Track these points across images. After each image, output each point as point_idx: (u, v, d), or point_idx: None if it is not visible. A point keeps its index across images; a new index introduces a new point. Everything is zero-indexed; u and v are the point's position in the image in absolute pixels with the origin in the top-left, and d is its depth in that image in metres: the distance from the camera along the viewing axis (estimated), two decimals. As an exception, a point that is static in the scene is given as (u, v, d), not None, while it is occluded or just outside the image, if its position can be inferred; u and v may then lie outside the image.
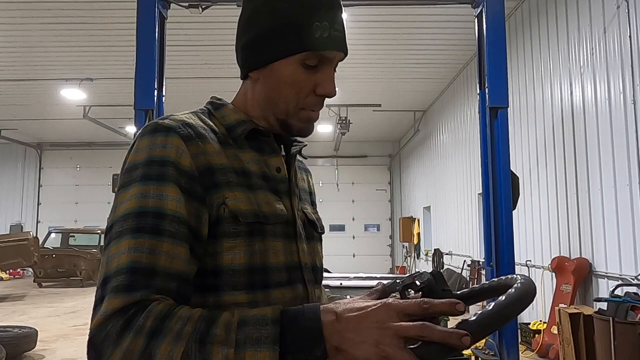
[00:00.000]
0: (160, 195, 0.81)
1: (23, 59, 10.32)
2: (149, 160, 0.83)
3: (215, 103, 1.01)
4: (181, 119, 0.90)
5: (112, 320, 0.72)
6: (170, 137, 0.85)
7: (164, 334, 0.69)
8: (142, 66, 4.14)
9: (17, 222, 19.13)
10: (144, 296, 0.74)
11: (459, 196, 11.12)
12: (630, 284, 4.86)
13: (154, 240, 0.78)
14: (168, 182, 0.82)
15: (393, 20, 8.41)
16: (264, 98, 0.98)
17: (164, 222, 0.80)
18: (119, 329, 0.71)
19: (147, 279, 0.76)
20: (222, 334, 0.69)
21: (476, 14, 4.50)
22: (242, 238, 0.86)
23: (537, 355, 6.13)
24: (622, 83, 5.21)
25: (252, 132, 0.97)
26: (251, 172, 0.93)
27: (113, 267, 0.76)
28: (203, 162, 0.87)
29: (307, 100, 0.96)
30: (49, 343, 7.09)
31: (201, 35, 8.84)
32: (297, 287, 0.94)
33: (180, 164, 0.84)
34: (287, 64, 0.93)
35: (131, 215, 0.79)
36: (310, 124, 0.99)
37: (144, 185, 0.82)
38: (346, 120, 12.97)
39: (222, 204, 0.86)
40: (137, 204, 0.80)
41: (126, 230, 0.78)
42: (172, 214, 0.81)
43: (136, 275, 0.75)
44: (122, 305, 0.73)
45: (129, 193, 0.82)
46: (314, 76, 0.94)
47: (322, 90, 0.95)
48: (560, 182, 6.52)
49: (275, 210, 0.92)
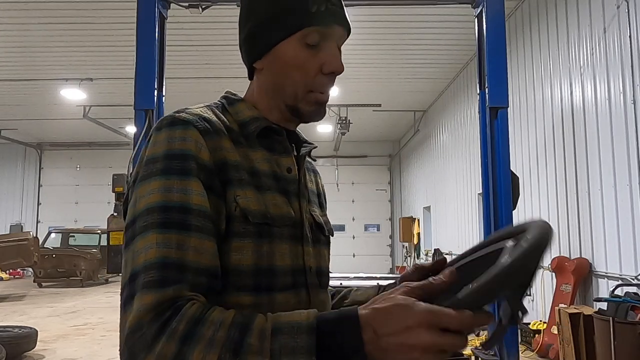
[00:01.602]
0: (185, 189, 0.80)
1: (23, 59, 10.32)
2: (169, 154, 0.82)
3: (230, 98, 1.00)
4: (198, 112, 0.89)
5: (146, 320, 0.70)
6: (189, 131, 0.84)
7: (197, 340, 0.67)
8: (142, 66, 4.13)
9: (17, 222, 19.13)
10: (177, 291, 0.73)
11: (459, 196, 11.11)
12: (630, 284, 4.86)
13: (182, 235, 0.77)
14: (192, 177, 0.81)
15: (393, 20, 8.41)
16: (271, 86, 0.96)
17: (190, 217, 0.78)
18: (154, 333, 0.69)
19: (179, 273, 0.74)
20: (257, 343, 0.67)
21: (476, 14, 4.50)
22: (251, 239, 0.85)
23: (537, 355, 6.13)
24: (622, 83, 5.21)
25: (264, 130, 0.95)
26: (261, 171, 0.92)
27: (141, 262, 0.75)
28: (220, 157, 0.86)
29: (315, 81, 0.93)
30: (49, 343, 7.09)
31: (201, 35, 8.84)
32: (300, 291, 0.92)
33: (200, 158, 0.83)
34: (288, 46, 0.92)
35: (155, 210, 0.78)
36: (320, 107, 0.96)
37: (166, 179, 0.80)
38: (346, 120, 12.97)
39: (234, 201, 0.85)
40: (161, 197, 0.78)
41: (152, 225, 0.77)
42: (198, 208, 0.80)
43: (167, 270, 0.74)
44: (156, 302, 0.71)
45: (150, 186, 0.80)
46: (318, 55, 0.92)
47: (328, 67, 0.92)
48: (560, 182, 6.52)
49: (283, 213, 0.91)
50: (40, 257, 13.33)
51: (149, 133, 0.88)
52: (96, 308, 10.49)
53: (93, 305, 10.88)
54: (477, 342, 6.80)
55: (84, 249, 14.59)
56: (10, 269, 14.16)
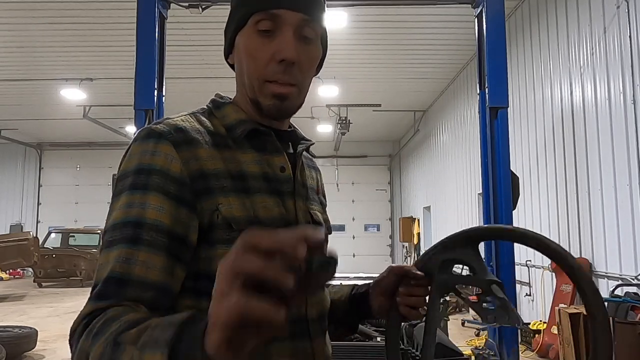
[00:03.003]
0: (143, 204, 0.81)
1: (23, 59, 10.32)
2: (138, 169, 0.84)
3: (217, 102, 0.99)
4: (174, 123, 0.88)
5: (78, 329, 0.75)
6: (161, 144, 0.84)
7: (103, 333, 0.69)
8: (142, 66, 4.13)
9: (17, 222, 19.13)
10: (109, 304, 0.76)
11: (459, 196, 11.11)
12: (630, 284, 4.86)
13: (131, 249, 0.79)
14: (151, 191, 0.82)
15: (393, 20, 8.41)
16: (239, 80, 0.98)
17: (142, 231, 0.80)
18: (80, 331, 0.74)
19: (118, 288, 0.77)
20: (135, 334, 0.64)
21: (476, 14, 4.50)
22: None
23: (537, 355, 6.13)
24: (622, 83, 5.22)
25: (253, 132, 0.94)
26: (249, 174, 0.91)
27: (99, 277, 0.79)
28: (195, 168, 0.85)
29: (268, 70, 0.90)
30: (49, 343, 7.09)
31: (201, 35, 8.84)
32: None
33: (170, 171, 0.83)
34: (243, 35, 0.93)
35: (118, 226, 0.81)
36: (278, 100, 0.91)
37: (131, 194, 0.82)
38: (346, 120, 12.96)
39: (216, 210, 0.85)
40: (123, 214, 0.82)
41: (113, 242, 0.80)
42: (152, 222, 0.80)
43: (108, 285, 0.77)
44: (89, 310, 0.76)
45: (118, 202, 0.83)
46: (271, 42, 0.90)
47: (279, 55, 0.88)
48: (560, 182, 6.52)
49: (274, 214, 0.90)
50: (40, 257, 13.33)
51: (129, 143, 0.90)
52: (96, 308, 10.49)
53: (93, 305, 10.88)
54: (476, 342, 6.80)
55: (84, 249, 14.58)
56: (10, 269, 14.15)
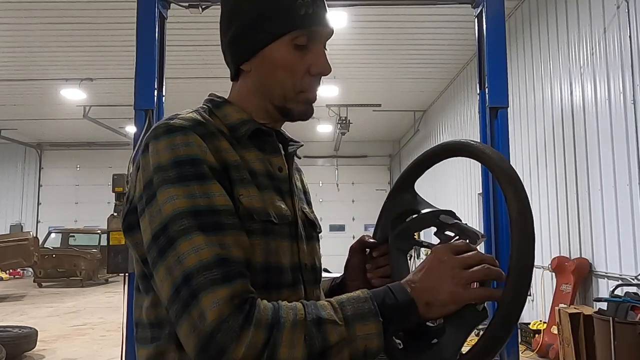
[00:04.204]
0: (207, 193, 0.81)
1: (23, 59, 10.32)
2: (177, 161, 0.82)
3: (215, 101, 1.00)
4: (191, 117, 0.89)
5: (226, 313, 0.72)
6: (190, 136, 0.84)
7: (282, 324, 0.73)
8: (142, 66, 4.13)
9: (17, 222, 19.13)
10: (244, 285, 0.77)
11: (459, 196, 11.11)
12: (630, 284, 4.86)
13: (220, 236, 0.79)
14: (209, 180, 0.82)
15: (393, 20, 8.41)
16: (259, 88, 0.97)
17: (221, 217, 0.80)
18: (240, 324, 0.72)
19: (237, 268, 0.77)
20: (332, 314, 0.76)
21: (476, 14, 4.50)
22: (259, 236, 0.86)
23: (537, 355, 6.13)
24: (622, 83, 5.21)
25: (255, 132, 0.96)
26: (257, 171, 0.93)
27: (194, 263, 0.75)
28: (222, 158, 0.87)
29: (304, 82, 0.95)
30: (49, 343, 7.10)
31: (201, 35, 8.84)
32: (298, 289, 0.93)
33: (207, 161, 0.84)
34: (278, 48, 0.93)
35: (186, 214, 0.78)
36: (309, 106, 0.98)
37: (185, 186, 0.80)
38: (346, 120, 12.96)
39: (238, 201, 0.86)
40: (188, 203, 0.79)
41: (191, 228, 0.77)
42: (225, 208, 0.81)
43: (226, 267, 0.76)
44: (230, 295, 0.74)
45: (168, 193, 0.80)
46: (305, 56, 0.94)
47: (316, 68, 0.94)
48: (560, 182, 6.52)
49: (282, 211, 0.92)
50: (40, 257, 13.32)
51: (144, 143, 0.88)
52: (96, 308, 10.49)
53: (93, 305, 10.88)
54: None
55: (84, 249, 14.59)
56: (10, 269, 14.16)
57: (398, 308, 0.78)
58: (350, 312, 0.76)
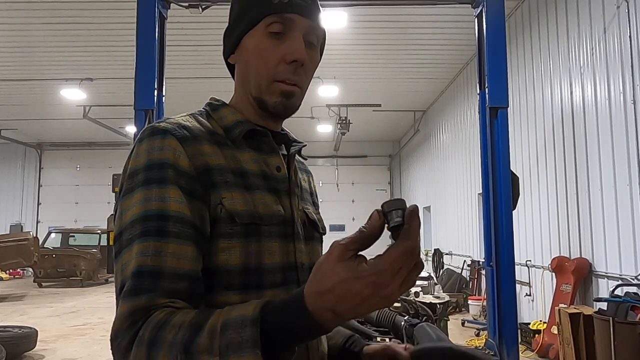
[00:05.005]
0: (162, 197, 0.82)
1: (23, 59, 10.33)
2: (148, 164, 0.84)
3: (213, 104, 1.02)
4: (177, 121, 0.91)
5: (121, 329, 0.74)
6: (167, 140, 0.86)
7: (159, 344, 0.70)
8: (142, 66, 4.14)
9: (17, 222, 19.14)
10: (149, 300, 0.75)
11: (459, 196, 11.12)
12: (630, 284, 4.86)
13: (159, 242, 0.79)
14: (169, 184, 0.83)
15: (393, 20, 8.42)
16: (241, 81, 1.00)
17: (168, 224, 0.80)
18: (126, 343, 0.73)
19: (152, 281, 0.77)
20: (207, 342, 0.68)
21: (476, 14, 4.50)
22: (238, 239, 0.87)
23: (537, 355, 6.13)
24: (622, 83, 5.21)
25: (250, 132, 0.97)
26: (249, 172, 0.93)
27: (127, 273, 0.78)
28: (201, 163, 0.87)
29: (278, 70, 0.94)
30: (49, 343, 7.09)
31: (201, 35, 8.85)
32: (291, 288, 0.93)
33: (179, 165, 0.85)
34: (253, 36, 0.96)
35: (138, 221, 0.81)
36: (285, 98, 0.95)
37: (147, 189, 0.82)
38: (346, 120, 12.97)
39: (219, 204, 0.86)
40: (142, 209, 0.81)
41: (135, 237, 0.80)
42: (176, 214, 0.81)
43: (141, 279, 0.77)
44: (129, 311, 0.75)
45: (133, 199, 0.83)
46: (282, 44, 0.94)
47: (290, 56, 0.93)
48: (560, 182, 6.52)
49: (272, 211, 0.92)
50: (40, 257, 13.32)
51: (133, 144, 0.90)
52: (96, 308, 10.48)
53: (93, 305, 10.88)
54: (476, 342, 6.81)
55: (84, 249, 14.56)
56: (10, 269, 14.15)
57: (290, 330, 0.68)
58: (227, 340, 0.67)
